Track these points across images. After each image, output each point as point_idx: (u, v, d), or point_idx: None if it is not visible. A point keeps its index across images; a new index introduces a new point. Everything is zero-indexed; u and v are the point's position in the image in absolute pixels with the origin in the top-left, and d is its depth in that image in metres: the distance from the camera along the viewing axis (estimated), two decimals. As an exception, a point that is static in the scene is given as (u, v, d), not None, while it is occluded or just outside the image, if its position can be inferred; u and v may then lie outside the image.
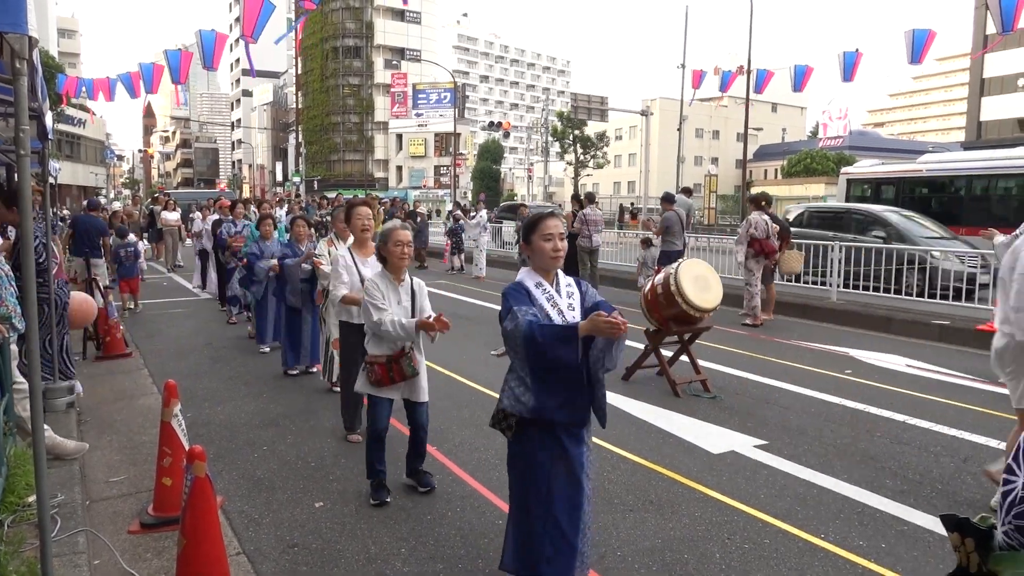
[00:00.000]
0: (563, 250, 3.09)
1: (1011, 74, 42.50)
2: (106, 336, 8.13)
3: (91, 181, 52.54)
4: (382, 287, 4.19)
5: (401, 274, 4.28)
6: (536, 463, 2.95)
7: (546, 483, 2.93)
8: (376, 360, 4.13)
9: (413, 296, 4.29)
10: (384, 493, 4.27)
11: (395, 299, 4.20)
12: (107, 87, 19.45)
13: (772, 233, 10.35)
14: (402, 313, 4.18)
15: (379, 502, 4.22)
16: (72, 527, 3.66)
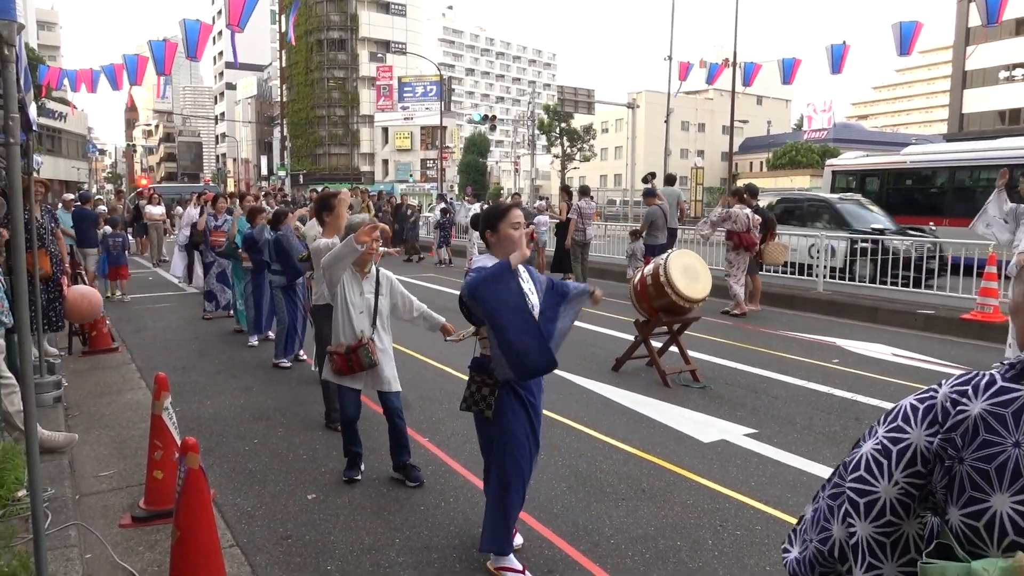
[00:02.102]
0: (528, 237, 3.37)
1: (993, 67, 42.87)
2: (92, 331, 8.05)
3: (73, 176, 51.89)
4: (346, 277, 4.29)
5: (366, 267, 4.37)
6: (517, 440, 3.30)
7: (526, 457, 3.33)
8: (335, 351, 4.26)
9: (377, 287, 4.37)
10: (355, 472, 4.46)
11: (358, 291, 4.32)
12: (89, 79, 19.20)
13: (753, 226, 10.42)
14: (364, 305, 4.32)
15: (348, 479, 4.42)
16: (63, 521, 3.64)
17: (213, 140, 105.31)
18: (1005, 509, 1.13)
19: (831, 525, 1.31)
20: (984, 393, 1.20)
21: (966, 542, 1.17)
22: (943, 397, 1.24)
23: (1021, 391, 1.17)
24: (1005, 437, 1.16)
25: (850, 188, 18.15)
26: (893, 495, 1.24)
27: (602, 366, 7.33)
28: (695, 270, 6.84)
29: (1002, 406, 1.17)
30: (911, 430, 1.25)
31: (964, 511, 1.17)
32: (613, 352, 7.59)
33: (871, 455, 1.28)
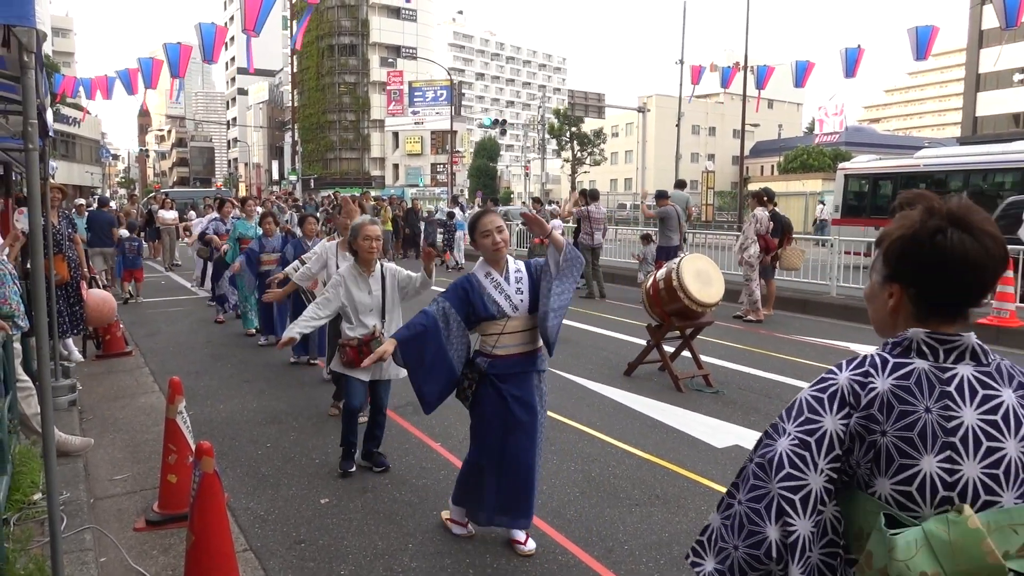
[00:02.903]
0: (503, 242, 3.52)
1: (1007, 69, 42.56)
2: (106, 335, 8.10)
3: (87, 180, 52.31)
4: (348, 279, 4.50)
5: (371, 266, 4.54)
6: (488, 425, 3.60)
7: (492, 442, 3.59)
8: (348, 343, 4.44)
9: (384, 284, 4.56)
10: (349, 464, 4.63)
11: (365, 289, 4.50)
12: (104, 85, 19.35)
13: (767, 229, 10.39)
14: (373, 303, 4.51)
15: (343, 472, 4.58)
16: (78, 524, 3.65)
17: (225, 145, 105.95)
18: (933, 469, 1.24)
19: (762, 528, 1.32)
20: (884, 371, 1.32)
21: (897, 508, 1.26)
22: (845, 382, 1.34)
23: (913, 363, 1.31)
24: (916, 405, 1.27)
25: (863, 192, 18.05)
26: (820, 484, 1.30)
27: (614, 370, 7.31)
28: (708, 274, 6.81)
29: (904, 379, 1.30)
30: (822, 418, 1.32)
31: (894, 479, 1.26)
32: (625, 356, 7.57)
33: (792, 452, 1.32)
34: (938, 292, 1.33)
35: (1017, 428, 1.26)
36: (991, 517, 1.21)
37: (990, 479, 1.23)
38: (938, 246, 1.30)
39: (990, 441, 1.24)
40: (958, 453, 1.24)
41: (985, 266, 1.30)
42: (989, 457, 1.24)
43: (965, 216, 1.31)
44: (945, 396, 1.27)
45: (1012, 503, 1.23)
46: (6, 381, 4.02)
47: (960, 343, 1.31)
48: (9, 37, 2.53)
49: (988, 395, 1.27)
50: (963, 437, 1.25)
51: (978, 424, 1.25)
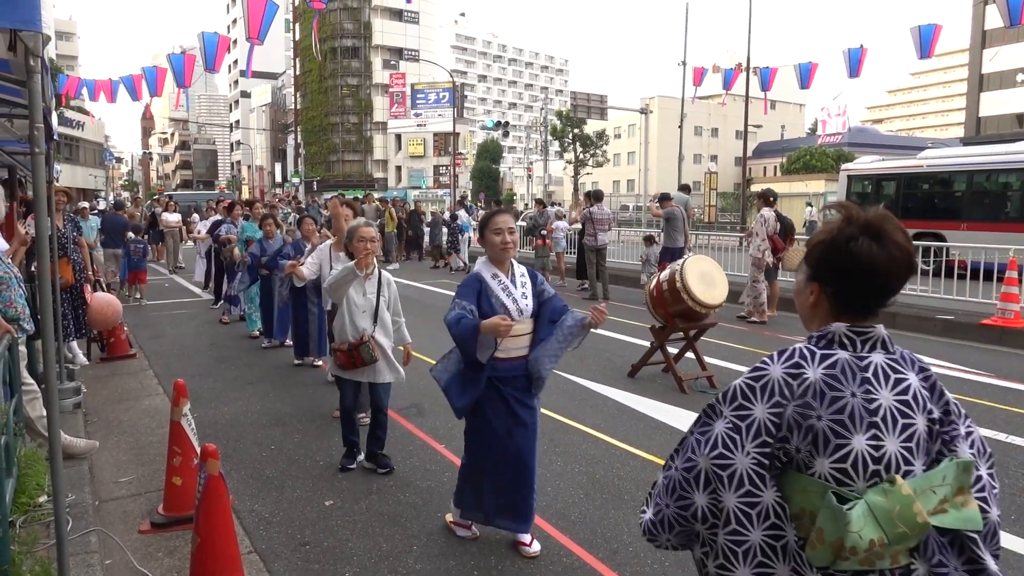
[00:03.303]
0: (512, 243, 3.51)
1: (1010, 69, 42.51)
2: (110, 337, 8.12)
3: (90, 183, 52.40)
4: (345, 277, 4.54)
5: (368, 269, 4.56)
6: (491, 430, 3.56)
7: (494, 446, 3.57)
8: (339, 348, 4.52)
9: (379, 289, 4.62)
10: (350, 461, 4.74)
11: (360, 291, 4.56)
12: (108, 88, 19.41)
13: (776, 229, 10.37)
14: (367, 305, 4.57)
15: (343, 467, 4.71)
16: (84, 527, 3.66)
17: (228, 147, 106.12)
18: (863, 447, 1.40)
19: (691, 494, 1.54)
20: (814, 362, 1.48)
21: (836, 484, 1.41)
22: (778, 375, 1.50)
23: (836, 354, 1.48)
24: (843, 390, 1.43)
25: (866, 193, 18.02)
26: (747, 465, 1.47)
27: (618, 372, 7.30)
28: (711, 276, 6.81)
29: (831, 368, 1.46)
30: (753, 407, 1.49)
31: (832, 458, 1.42)
32: (629, 358, 7.56)
33: (725, 433, 1.51)
34: (850, 292, 1.50)
35: (924, 405, 1.44)
36: (915, 483, 1.38)
37: (906, 451, 1.41)
38: (851, 252, 1.47)
39: (904, 418, 1.42)
40: (881, 431, 1.41)
41: (889, 271, 1.46)
42: (905, 432, 1.42)
43: (878, 225, 1.48)
44: (865, 382, 1.44)
45: (921, 470, 1.41)
46: (12, 384, 4.03)
47: (873, 334, 1.49)
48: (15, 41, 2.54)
49: (899, 379, 1.45)
50: (883, 416, 1.42)
51: (894, 404, 1.43)
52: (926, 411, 1.44)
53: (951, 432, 1.47)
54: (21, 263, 5.27)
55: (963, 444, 1.47)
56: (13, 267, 4.45)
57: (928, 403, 1.46)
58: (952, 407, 1.49)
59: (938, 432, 1.46)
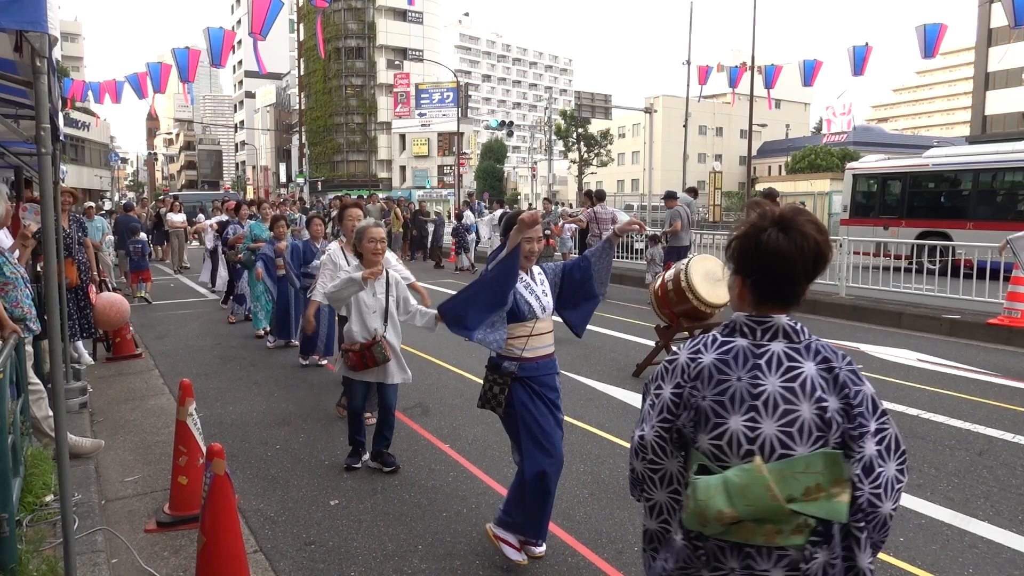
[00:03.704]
0: (537, 252, 3.49)
1: (1016, 68, 42.32)
2: (116, 337, 8.15)
3: (96, 184, 52.56)
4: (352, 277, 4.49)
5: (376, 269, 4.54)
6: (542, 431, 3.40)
7: (555, 445, 3.44)
8: (351, 348, 4.49)
9: (388, 289, 4.58)
10: (355, 460, 4.74)
11: (370, 291, 4.53)
12: (113, 89, 19.47)
13: None
14: (377, 305, 4.55)
15: (348, 466, 4.72)
16: (90, 526, 3.67)
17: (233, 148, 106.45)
18: (739, 427, 1.54)
19: (632, 461, 1.76)
20: (712, 347, 1.64)
21: (714, 459, 1.56)
22: (683, 358, 1.66)
23: (735, 341, 1.61)
24: (731, 374, 1.57)
25: (871, 192, 17.97)
26: (651, 436, 1.67)
27: (623, 371, 7.30)
28: (716, 275, 6.79)
29: (725, 354, 1.61)
30: (663, 387, 1.68)
31: (711, 434, 1.57)
32: (633, 358, 7.55)
33: (646, 408, 1.72)
34: (764, 281, 1.60)
35: (812, 393, 1.51)
36: (777, 466, 1.48)
37: (785, 435, 1.50)
38: (760, 243, 1.56)
39: (786, 404, 1.51)
40: (759, 414, 1.52)
41: (795, 260, 1.55)
42: (785, 417, 1.50)
43: (788, 217, 1.56)
44: (756, 368, 1.55)
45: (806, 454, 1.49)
46: (18, 384, 4.05)
47: (772, 324, 1.59)
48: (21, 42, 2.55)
49: (791, 367, 1.54)
50: (765, 401, 1.52)
51: (779, 390, 1.52)
52: (815, 400, 1.50)
53: (857, 429, 1.52)
54: (27, 263, 5.28)
55: (870, 440, 1.51)
56: (20, 267, 4.47)
57: (822, 393, 1.51)
58: (858, 401, 1.53)
59: (841, 425, 1.51)
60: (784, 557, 1.53)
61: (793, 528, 1.50)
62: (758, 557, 1.54)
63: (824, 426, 1.50)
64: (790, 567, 1.53)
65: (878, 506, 1.51)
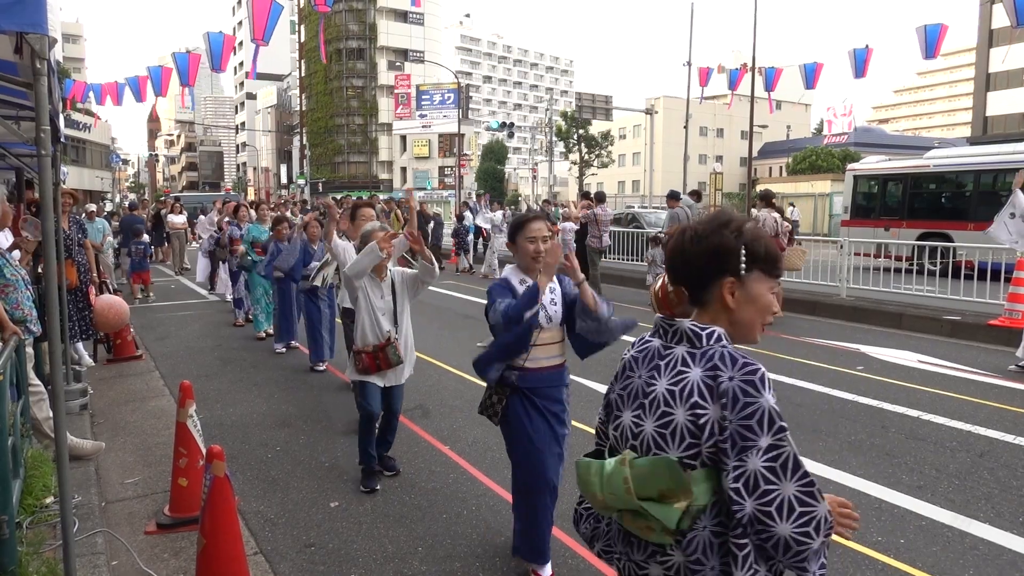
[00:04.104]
0: (543, 252, 3.30)
1: (1017, 69, 42.30)
2: (116, 339, 8.15)
3: (97, 185, 52.63)
4: (367, 282, 4.44)
5: (383, 272, 4.50)
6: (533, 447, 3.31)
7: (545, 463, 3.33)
8: (363, 349, 4.38)
9: (394, 290, 4.52)
10: (375, 481, 4.49)
11: (378, 293, 4.47)
12: (115, 91, 19.48)
13: (782, 232, 10.23)
14: (386, 307, 4.48)
15: (370, 489, 4.42)
16: (90, 528, 3.67)
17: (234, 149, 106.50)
18: (628, 421, 1.62)
19: None
20: (636, 345, 1.72)
21: (611, 452, 1.66)
22: (627, 355, 1.73)
23: (652, 341, 1.68)
24: (636, 372, 1.66)
25: (872, 193, 17.96)
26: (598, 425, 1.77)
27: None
28: (717, 276, 6.78)
29: (639, 352, 1.69)
30: (612, 385, 1.75)
31: (612, 424, 1.68)
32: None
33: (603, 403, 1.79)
34: (674, 282, 1.69)
35: (688, 399, 1.52)
36: (640, 463, 1.54)
37: (659, 436, 1.54)
38: (669, 246, 1.67)
39: (665, 406, 1.55)
40: (644, 412, 1.58)
41: (688, 259, 1.61)
42: (663, 419, 1.54)
43: (698, 221, 1.63)
44: (655, 368, 1.61)
45: (677, 458, 1.51)
46: (19, 386, 4.05)
47: (676, 327, 1.62)
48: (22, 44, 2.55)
49: (680, 371, 1.56)
50: (652, 400, 1.58)
51: (664, 392, 1.56)
52: (690, 406, 1.51)
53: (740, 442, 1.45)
54: (28, 265, 5.29)
55: (754, 456, 1.45)
56: (21, 269, 4.47)
57: (699, 399, 1.50)
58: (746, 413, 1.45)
59: (715, 435, 1.48)
60: (657, 553, 1.58)
61: (663, 528, 1.51)
62: (636, 548, 1.62)
63: (697, 432, 1.49)
64: (664, 565, 1.57)
65: (770, 525, 1.43)
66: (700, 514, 1.51)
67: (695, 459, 1.50)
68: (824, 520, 1.46)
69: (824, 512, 1.46)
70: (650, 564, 1.59)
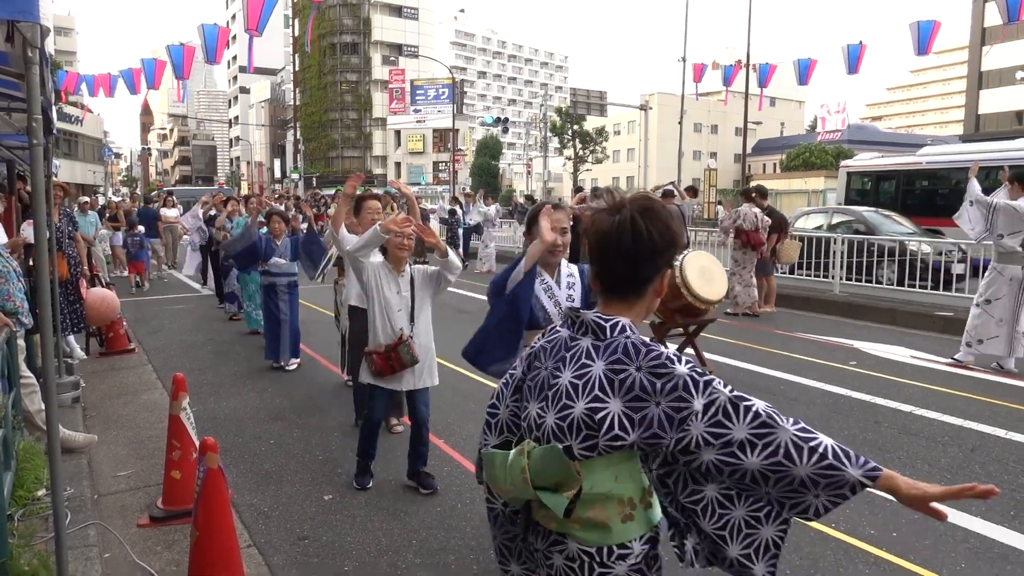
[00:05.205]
0: (564, 244, 3.20)
1: (1009, 67, 42.46)
2: (109, 332, 8.11)
3: (89, 179, 52.32)
4: (380, 274, 4.20)
5: (401, 265, 4.26)
6: None
7: None
8: (376, 351, 4.14)
9: (413, 285, 4.27)
10: (367, 479, 4.39)
11: (394, 288, 4.20)
12: (107, 83, 19.37)
13: (762, 226, 10.41)
14: (402, 304, 4.20)
15: (361, 487, 4.34)
16: (82, 520, 3.66)
17: (227, 143, 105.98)
18: (533, 412, 1.62)
19: None
20: (546, 335, 1.70)
21: (518, 441, 1.63)
22: (536, 344, 1.71)
23: (560, 331, 1.66)
24: (544, 363, 1.64)
25: (865, 190, 18.01)
26: (506, 416, 1.73)
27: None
28: (711, 272, 6.80)
29: (548, 342, 1.67)
30: (515, 369, 1.74)
31: (523, 415, 1.67)
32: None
33: (500, 385, 1.79)
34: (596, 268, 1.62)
35: (589, 393, 1.50)
36: (535, 453, 1.54)
37: (558, 429, 1.54)
38: (590, 228, 1.60)
39: (567, 399, 1.54)
40: (548, 404, 1.58)
41: (604, 248, 1.57)
42: (562, 412, 1.53)
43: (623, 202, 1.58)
44: (560, 360, 1.60)
45: (576, 450, 1.51)
46: (10, 378, 4.02)
47: (581, 318, 1.60)
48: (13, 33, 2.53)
49: (583, 364, 1.55)
50: (555, 392, 1.57)
51: (567, 385, 1.55)
52: (590, 399, 1.50)
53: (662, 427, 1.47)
54: (20, 257, 5.26)
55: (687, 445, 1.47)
56: (12, 261, 4.45)
57: (600, 393, 1.50)
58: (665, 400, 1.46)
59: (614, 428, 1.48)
60: (559, 544, 1.59)
61: (565, 518, 1.53)
62: (539, 537, 1.65)
63: (595, 426, 1.48)
64: (566, 556, 1.58)
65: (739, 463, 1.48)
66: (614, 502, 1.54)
67: (592, 451, 1.50)
68: (792, 443, 1.45)
69: (787, 437, 1.45)
70: (555, 554, 1.61)
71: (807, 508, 1.52)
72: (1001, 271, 7.23)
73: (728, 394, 1.48)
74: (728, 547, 1.56)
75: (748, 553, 1.55)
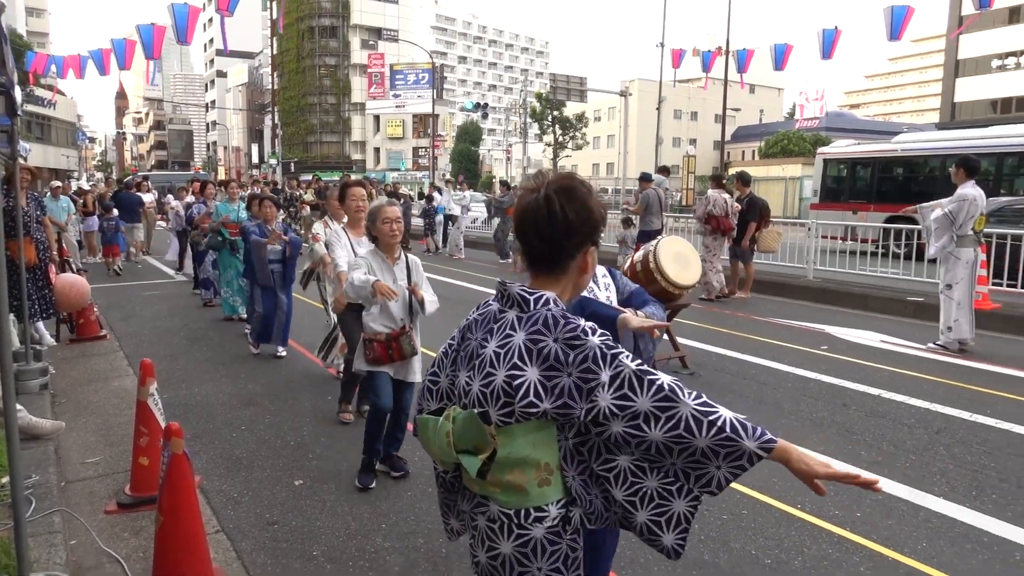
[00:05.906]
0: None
1: (985, 55, 42.89)
2: (80, 318, 8.00)
3: (63, 164, 51.45)
4: (374, 264, 4.11)
5: (394, 252, 4.16)
6: None
7: None
8: (375, 338, 4.06)
9: (409, 274, 4.20)
10: (371, 479, 4.20)
11: (390, 278, 4.09)
12: (77, 64, 18.98)
13: (731, 212, 10.55)
14: (399, 293, 4.10)
15: (364, 487, 4.15)
16: (47, 507, 3.62)
17: (204, 128, 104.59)
18: (462, 380, 1.68)
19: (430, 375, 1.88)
20: (478, 308, 1.75)
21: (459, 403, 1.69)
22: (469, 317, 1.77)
23: (491, 304, 1.71)
24: (473, 335, 1.70)
25: (841, 177, 18.16)
26: (446, 385, 1.78)
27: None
28: (685, 257, 6.80)
29: (480, 315, 1.73)
30: (453, 340, 1.81)
31: (453, 384, 1.73)
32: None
33: (440, 354, 1.84)
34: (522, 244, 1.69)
35: (509, 361, 1.57)
36: (458, 418, 1.62)
37: (482, 396, 1.60)
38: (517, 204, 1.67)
39: (490, 367, 1.60)
40: (475, 372, 1.64)
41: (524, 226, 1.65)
42: (486, 379, 1.59)
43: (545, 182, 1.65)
44: (489, 331, 1.66)
45: (495, 416, 1.57)
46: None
47: (507, 291, 1.66)
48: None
49: (507, 335, 1.61)
50: (481, 362, 1.62)
51: (491, 355, 1.61)
52: (509, 368, 1.56)
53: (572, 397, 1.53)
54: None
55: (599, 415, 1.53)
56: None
57: (518, 361, 1.56)
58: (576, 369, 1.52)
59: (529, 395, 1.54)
60: (482, 506, 1.67)
61: (489, 482, 1.61)
62: (465, 499, 1.74)
63: (512, 392, 1.54)
64: (488, 517, 1.65)
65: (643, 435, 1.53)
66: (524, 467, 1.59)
67: (509, 417, 1.56)
68: (692, 416, 1.50)
69: (688, 411, 1.51)
70: (479, 517, 1.68)
71: (711, 480, 1.57)
72: (958, 255, 7.39)
73: (633, 367, 1.53)
74: (637, 512, 1.61)
75: (658, 521, 1.60)
